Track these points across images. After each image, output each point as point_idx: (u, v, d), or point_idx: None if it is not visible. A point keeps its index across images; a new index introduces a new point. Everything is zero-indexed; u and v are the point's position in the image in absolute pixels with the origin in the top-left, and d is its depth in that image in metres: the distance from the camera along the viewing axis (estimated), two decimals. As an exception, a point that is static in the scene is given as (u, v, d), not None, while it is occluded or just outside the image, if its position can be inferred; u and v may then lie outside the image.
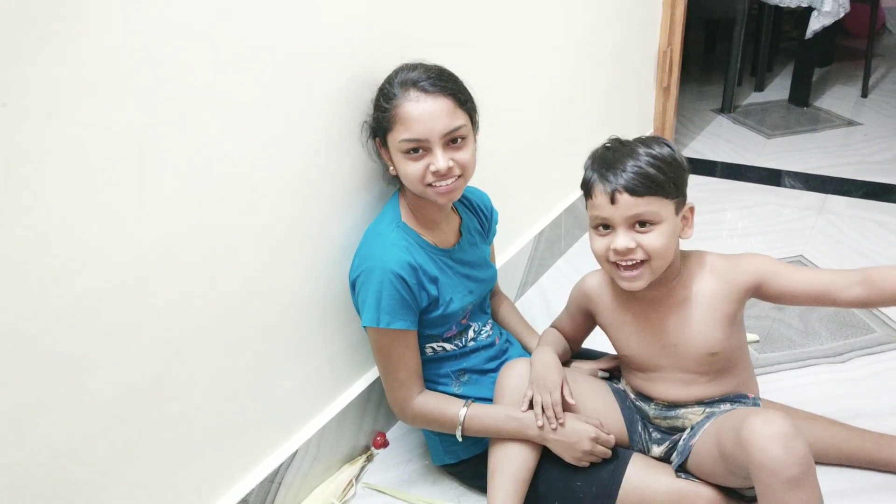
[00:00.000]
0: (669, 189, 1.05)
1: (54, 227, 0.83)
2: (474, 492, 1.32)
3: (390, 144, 1.16)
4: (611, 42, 2.16)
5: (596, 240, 1.11)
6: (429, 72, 1.14)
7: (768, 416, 0.98)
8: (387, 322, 1.15)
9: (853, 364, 1.58)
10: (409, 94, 1.12)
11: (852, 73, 3.54)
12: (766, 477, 0.96)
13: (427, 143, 1.12)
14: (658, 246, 1.06)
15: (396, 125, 1.13)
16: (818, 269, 1.08)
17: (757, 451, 0.96)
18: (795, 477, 0.94)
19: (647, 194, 1.04)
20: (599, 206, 1.07)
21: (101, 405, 0.94)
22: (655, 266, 1.08)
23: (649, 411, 1.21)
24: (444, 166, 1.13)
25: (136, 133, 0.89)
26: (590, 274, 1.26)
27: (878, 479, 1.27)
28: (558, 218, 2.04)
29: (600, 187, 1.07)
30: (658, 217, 1.05)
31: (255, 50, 1.03)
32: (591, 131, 2.17)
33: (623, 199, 1.04)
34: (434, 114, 1.12)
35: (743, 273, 1.11)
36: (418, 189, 1.17)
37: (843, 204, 2.32)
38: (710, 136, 2.97)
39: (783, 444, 0.94)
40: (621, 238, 1.06)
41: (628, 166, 1.04)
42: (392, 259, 1.15)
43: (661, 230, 1.06)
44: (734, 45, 3.07)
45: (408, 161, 1.14)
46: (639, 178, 1.04)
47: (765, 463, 0.95)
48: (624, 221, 1.05)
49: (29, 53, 0.77)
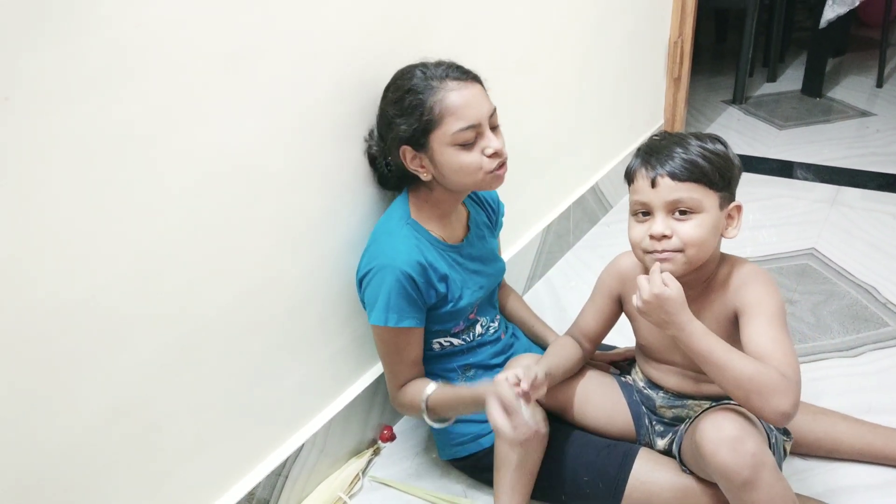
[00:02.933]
0: (715, 179, 1.01)
1: (58, 223, 0.83)
2: (481, 485, 1.32)
3: (435, 144, 1.12)
4: (621, 33, 2.14)
5: (634, 227, 1.06)
6: (447, 64, 1.14)
7: (717, 419, 0.98)
8: (395, 321, 1.15)
9: (865, 358, 1.56)
10: (448, 85, 1.10)
11: (866, 63, 3.50)
12: (721, 480, 0.98)
13: (480, 127, 1.12)
14: (695, 236, 1.01)
15: (446, 119, 1.10)
16: (768, 341, 0.99)
17: (708, 456, 0.97)
18: (747, 479, 0.94)
19: (689, 180, 1.00)
20: (640, 191, 1.04)
21: (107, 400, 0.94)
22: (690, 256, 1.02)
23: (657, 399, 1.20)
24: (499, 145, 1.14)
25: (138, 128, 0.89)
26: (622, 255, 1.21)
27: (890, 475, 1.26)
28: (567, 211, 2.03)
29: (643, 171, 1.04)
30: (699, 206, 1.01)
31: (259, 43, 1.02)
32: (601, 123, 2.16)
33: (664, 183, 1.01)
34: (478, 98, 1.12)
35: (739, 297, 1.06)
36: (472, 180, 1.15)
37: (856, 196, 2.29)
38: (721, 127, 2.94)
39: (731, 447, 0.95)
40: (658, 223, 1.02)
41: (675, 153, 1.02)
42: (402, 258, 1.14)
43: (701, 220, 1.01)
44: (746, 35, 3.04)
45: (461, 152, 1.12)
46: (684, 164, 1.01)
47: (716, 468, 0.97)
48: (663, 206, 1.01)
49: (31, 48, 0.76)
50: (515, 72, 1.65)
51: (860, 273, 1.86)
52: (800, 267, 1.92)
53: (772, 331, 1.00)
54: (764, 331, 1.00)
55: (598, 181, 2.18)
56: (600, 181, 2.19)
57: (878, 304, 1.73)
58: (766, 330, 1.00)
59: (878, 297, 1.76)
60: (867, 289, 1.80)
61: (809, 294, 1.80)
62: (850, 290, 1.80)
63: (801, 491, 1.21)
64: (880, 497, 1.22)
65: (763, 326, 1.00)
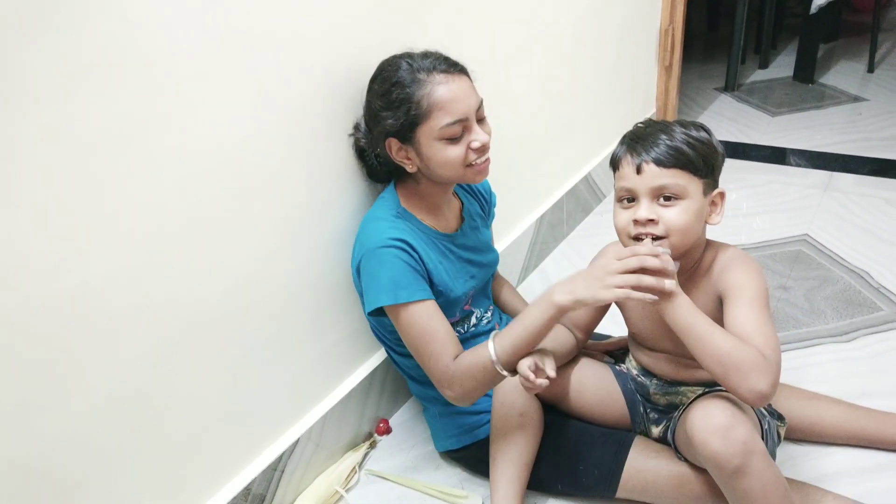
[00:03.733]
0: (699, 165, 1.02)
1: (51, 218, 0.83)
2: (477, 477, 1.32)
3: (421, 137, 1.12)
4: (612, 21, 2.13)
5: (619, 213, 1.06)
6: (434, 55, 1.13)
7: (707, 408, 0.99)
8: (406, 296, 1.11)
9: (859, 343, 1.56)
10: (435, 78, 1.10)
11: (858, 48, 3.49)
12: (712, 468, 1.00)
13: (468, 121, 1.12)
14: (680, 222, 1.01)
15: (434, 113, 1.09)
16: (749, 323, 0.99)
17: (698, 445, 0.99)
18: (738, 467, 0.96)
19: (674, 166, 1.01)
20: (625, 177, 1.05)
21: (101, 397, 0.94)
22: (675, 242, 1.02)
23: (650, 387, 1.20)
24: (486, 139, 1.14)
25: (129, 122, 0.88)
26: (609, 245, 1.19)
27: (883, 458, 1.26)
28: (560, 201, 2.03)
29: (628, 158, 1.04)
30: (683, 192, 1.02)
31: (249, 37, 1.01)
32: (592, 113, 2.15)
33: (649, 169, 1.01)
34: (466, 91, 1.12)
35: (722, 281, 1.07)
36: (456, 173, 1.15)
37: (849, 181, 2.30)
38: (713, 114, 2.94)
39: (721, 435, 0.96)
40: (643, 209, 1.02)
41: (660, 140, 1.02)
42: (390, 237, 1.13)
43: (685, 206, 1.02)
44: (737, 22, 3.03)
45: (448, 146, 1.12)
46: (668, 150, 1.01)
47: (707, 456, 0.98)
48: (648, 192, 1.02)
49: (18, 43, 0.76)
50: (507, 62, 1.65)
51: (853, 258, 1.87)
52: (793, 253, 1.93)
53: (753, 313, 1.00)
54: (745, 313, 1.01)
55: (591, 171, 2.18)
56: (593, 171, 2.19)
57: (871, 289, 1.73)
58: (748, 312, 1.01)
59: (871, 281, 1.76)
60: (860, 274, 1.80)
61: (803, 280, 1.80)
62: (844, 275, 1.80)
63: (794, 476, 1.22)
64: (873, 480, 1.22)
65: (744, 308, 1.01)
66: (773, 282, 1.80)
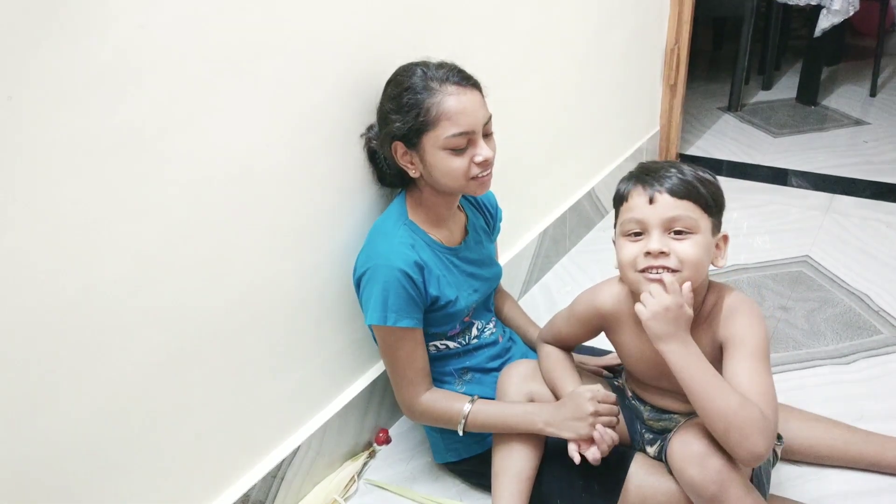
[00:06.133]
0: (710, 203, 1.01)
1: (60, 221, 0.83)
2: (476, 490, 1.32)
3: (427, 144, 1.13)
4: (618, 39, 2.15)
5: (625, 247, 1.03)
6: (449, 67, 1.14)
7: (685, 436, 1.01)
8: (394, 320, 1.15)
9: (858, 365, 1.57)
10: (447, 89, 1.11)
11: (861, 72, 3.52)
12: (691, 495, 1.02)
13: (473, 135, 1.13)
14: (692, 255, 0.98)
15: (441, 122, 1.11)
16: (749, 379, 0.98)
17: (677, 472, 1.01)
18: (714, 494, 0.97)
19: (687, 198, 0.99)
20: (635, 208, 1.01)
21: (104, 399, 0.94)
22: (686, 277, 0.99)
23: (644, 412, 1.21)
24: (490, 154, 1.15)
25: (140, 128, 0.89)
26: (600, 288, 1.17)
27: (881, 482, 1.26)
28: (563, 216, 2.04)
29: (639, 189, 1.02)
30: (695, 226, 0.99)
31: (262, 44, 1.03)
32: (597, 129, 2.17)
33: (662, 199, 0.99)
34: (475, 105, 1.13)
35: (724, 329, 1.05)
36: (458, 184, 1.16)
37: (850, 204, 2.31)
38: (716, 134, 2.96)
39: (697, 463, 0.98)
40: (655, 240, 0.99)
41: (671, 173, 1.01)
42: (398, 257, 1.14)
43: (697, 240, 0.99)
44: (742, 43, 3.06)
45: (452, 157, 1.13)
46: (681, 182, 1.00)
47: (685, 483, 1.01)
48: (660, 224, 0.99)
49: (34, 47, 0.77)
50: (514, 77, 1.66)
51: (854, 280, 1.88)
52: (794, 274, 1.93)
53: (755, 368, 0.99)
54: (747, 367, 0.99)
55: (594, 186, 2.19)
56: (596, 186, 2.20)
57: (871, 312, 1.74)
58: (750, 366, 0.99)
59: (871, 304, 1.77)
60: (860, 296, 1.81)
61: (803, 301, 1.81)
62: (844, 297, 1.81)
63: (792, 497, 1.22)
64: None
65: (746, 363, 0.99)
66: (774, 302, 1.81)
